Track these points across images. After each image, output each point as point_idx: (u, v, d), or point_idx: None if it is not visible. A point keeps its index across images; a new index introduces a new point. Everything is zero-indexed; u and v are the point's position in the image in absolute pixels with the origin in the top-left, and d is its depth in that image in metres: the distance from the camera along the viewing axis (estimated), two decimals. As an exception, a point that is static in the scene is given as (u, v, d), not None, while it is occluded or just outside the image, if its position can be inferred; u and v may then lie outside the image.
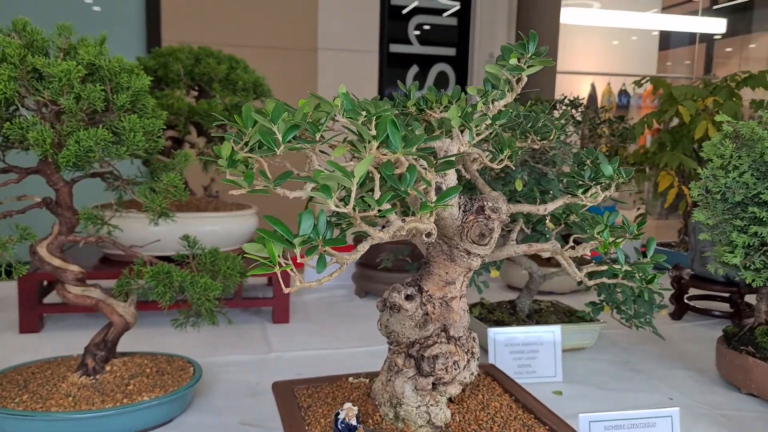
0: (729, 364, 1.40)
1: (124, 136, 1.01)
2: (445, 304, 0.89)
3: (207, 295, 1.08)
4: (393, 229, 0.66)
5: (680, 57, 7.46)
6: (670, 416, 1.01)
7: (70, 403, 1.03)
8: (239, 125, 0.66)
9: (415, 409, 0.88)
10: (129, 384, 1.10)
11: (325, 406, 0.96)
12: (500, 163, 0.86)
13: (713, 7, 7.08)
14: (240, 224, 1.83)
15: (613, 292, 1.40)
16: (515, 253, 0.94)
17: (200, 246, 1.19)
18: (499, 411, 0.96)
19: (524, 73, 0.74)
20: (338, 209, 0.55)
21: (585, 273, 0.89)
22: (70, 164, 0.95)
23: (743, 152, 1.38)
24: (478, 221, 0.84)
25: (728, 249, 1.38)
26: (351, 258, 0.65)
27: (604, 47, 6.43)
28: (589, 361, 1.55)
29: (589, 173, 0.82)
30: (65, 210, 1.12)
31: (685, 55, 7.40)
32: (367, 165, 0.55)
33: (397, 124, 0.59)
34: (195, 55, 1.81)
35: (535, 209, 0.87)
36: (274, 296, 1.77)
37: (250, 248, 0.59)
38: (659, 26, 6.55)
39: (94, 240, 1.15)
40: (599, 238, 0.86)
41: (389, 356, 0.93)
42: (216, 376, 1.36)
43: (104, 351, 1.14)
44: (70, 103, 0.96)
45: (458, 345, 0.90)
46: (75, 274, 1.14)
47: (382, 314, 0.92)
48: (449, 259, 0.88)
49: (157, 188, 1.06)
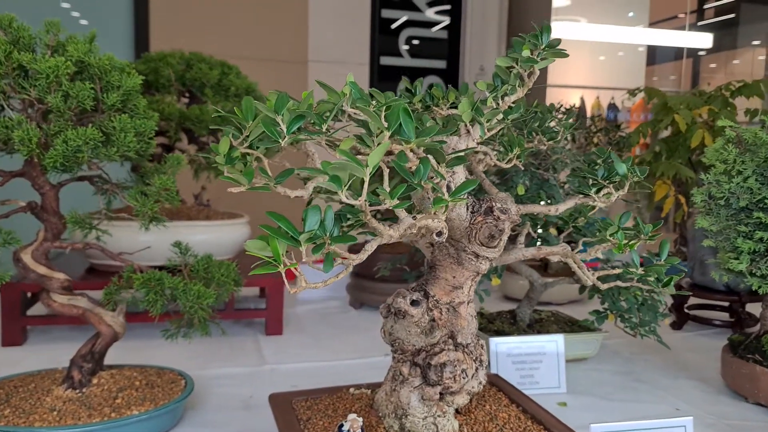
0: (735, 373, 1.36)
1: (115, 136, 0.96)
2: (452, 310, 0.85)
3: (200, 303, 1.03)
4: (403, 227, 0.62)
5: (666, 72, 7.53)
6: (684, 426, 0.97)
7: (54, 418, 0.98)
8: (239, 117, 0.62)
9: (421, 420, 0.84)
10: (117, 397, 1.05)
11: (325, 419, 0.91)
12: (509, 162, 0.83)
13: (698, 23, 7.17)
14: (232, 233, 1.78)
15: (617, 299, 1.37)
16: (524, 256, 0.90)
17: (192, 253, 1.15)
18: (508, 422, 0.92)
19: (537, 66, 0.71)
20: (349, 201, 0.51)
21: (597, 276, 0.86)
22: (57, 165, 0.91)
23: (746, 157, 1.36)
24: (487, 222, 0.80)
25: (733, 255, 1.36)
26: (358, 258, 0.61)
27: (592, 61, 6.47)
28: (592, 371, 1.52)
29: (603, 172, 0.79)
30: (51, 215, 1.08)
31: (672, 70, 7.47)
32: (382, 153, 0.51)
33: (410, 113, 0.55)
34: (186, 60, 1.77)
35: (546, 209, 0.84)
36: (267, 307, 1.72)
37: (252, 246, 0.55)
38: (647, 41, 6.60)
39: (82, 246, 1.10)
40: (612, 240, 0.82)
41: (393, 365, 0.89)
42: (208, 389, 1.30)
43: (91, 363, 1.09)
44: (57, 102, 0.92)
45: (466, 352, 0.85)
46: (61, 282, 1.08)
47: (385, 321, 0.88)
48: (456, 263, 0.85)
49: (148, 192, 1.01)
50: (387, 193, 0.53)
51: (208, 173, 1.81)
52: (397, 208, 0.55)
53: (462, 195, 0.59)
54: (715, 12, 7.33)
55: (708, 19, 7.30)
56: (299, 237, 0.55)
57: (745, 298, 1.81)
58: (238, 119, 0.65)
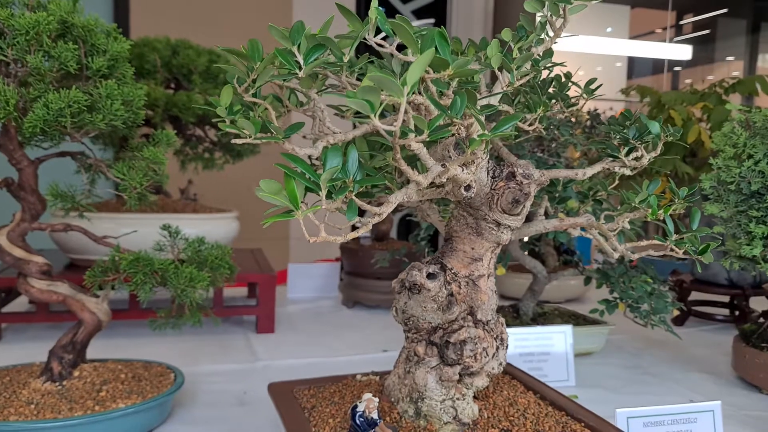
0: (749, 363, 1.31)
1: (101, 103, 0.89)
2: (471, 283, 0.78)
3: (192, 286, 0.95)
4: (432, 175, 0.55)
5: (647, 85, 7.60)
6: (712, 411, 0.92)
7: (32, 411, 0.89)
8: (246, 54, 0.56)
9: (439, 403, 0.77)
10: (101, 390, 0.96)
11: (332, 406, 0.83)
12: (531, 124, 0.77)
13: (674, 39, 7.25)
14: (221, 228, 1.70)
15: (627, 287, 1.32)
16: (545, 228, 0.84)
17: (183, 236, 1.07)
18: (528, 408, 0.85)
19: (569, 11, 0.66)
20: (384, 127, 0.45)
21: (626, 247, 0.80)
22: (36, 131, 0.83)
23: (757, 140, 1.32)
24: (510, 187, 0.74)
25: (746, 241, 1.31)
26: (381, 210, 0.54)
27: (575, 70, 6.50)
28: (600, 366, 1.46)
29: (635, 132, 0.74)
30: (29, 194, 0.99)
31: (651, 83, 7.54)
32: (423, 67, 0.44)
33: (446, 37, 0.49)
34: (173, 47, 1.69)
35: (573, 173, 0.78)
36: (258, 304, 1.64)
37: (266, 187, 0.48)
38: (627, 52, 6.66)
39: (62, 228, 1.01)
40: (642, 207, 0.77)
41: (406, 345, 0.82)
42: (198, 386, 1.22)
43: (72, 354, 1.00)
44: (38, 62, 0.84)
45: (486, 330, 0.79)
46: (39, 266, 1.00)
47: (398, 297, 0.81)
48: (475, 233, 0.78)
49: (136, 166, 0.94)
50: (425, 122, 0.46)
51: (196, 164, 1.73)
52: (436, 138, 0.48)
53: (505, 128, 0.52)
54: (693, 27, 7.44)
55: (686, 34, 7.40)
56: (320, 180, 0.48)
57: (749, 292, 1.77)
58: (243, 60, 0.58)
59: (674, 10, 7.00)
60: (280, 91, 0.75)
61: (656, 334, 1.75)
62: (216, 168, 1.78)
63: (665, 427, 0.88)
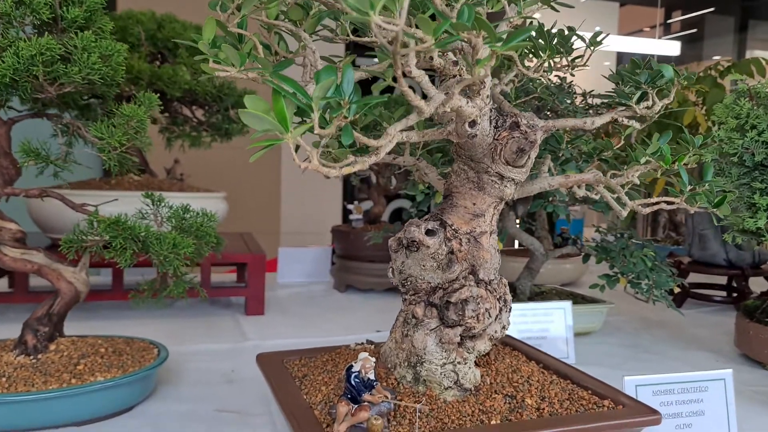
0: (753, 339, 1.28)
1: (76, 55, 0.83)
2: (473, 240, 0.74)
3: (176, 253, 0.89)
4: (435, 103, 0.51)
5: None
6: (723, 379, 0.88)
7: (3, 385, 0.83)
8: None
9: (439, 367, 0.72)
10: (79, 364, 0.90)
11: (325, 374, 0.78)
12: (536, 71, 0.73)
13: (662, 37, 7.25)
14: (208, 207, 1.63)
15: (629, 261, 1.28)
16: (550, 186, 0.80)
17: (167, 203, 1.01)
18: (532, 375, 0.81)
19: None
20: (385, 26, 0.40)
21: (638, 204, 0.75)
22: (6, 81, 0.77)
23: (761, 111, 1.29)
24: (514, 137, 0.69)
25: (749, 214, 1.28)
26: (383, 141, 0.49)
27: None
28: (599, 345, 1.42)
29: (647, 76, 0.69)
30: (2, 157, 0.94)
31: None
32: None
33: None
34: (158, 21, 1.63)
35: (582, 122, 0.73)
36: (248, 285, 1.58)
37: (251, 103, 0.42)
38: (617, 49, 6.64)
39: (38, 194, 0.96)
40: (654, 159, 0.72)
41: (404, 308, 0.77)
42: (184, 365, 1.16)
43: (48, 327, 0.94)
44: (7, 8, 0.78)
45: (489, 290, 0.74)
46: (13, 233, 0.94)
47: (395, 257, 0.76)
48: (477, 188, 0.74)
49: (116, 123, 0.88)
50: (431, 24, 0.41)
51: (182, 142, 1.67)
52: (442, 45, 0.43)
53: (519, 40, 0.47)
54: (681, 26, 7.45)
55: (674, 33, 7.41)
56: (311, 99, 0.44)
57: (749, 272, 1.74)
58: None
59: (662, 7, 7.00)
60: (267, 35, 0.70)
61: (655, 315, 1.72)
62: (204, 147, 1.72)
63: (675, 396, 0.84)
